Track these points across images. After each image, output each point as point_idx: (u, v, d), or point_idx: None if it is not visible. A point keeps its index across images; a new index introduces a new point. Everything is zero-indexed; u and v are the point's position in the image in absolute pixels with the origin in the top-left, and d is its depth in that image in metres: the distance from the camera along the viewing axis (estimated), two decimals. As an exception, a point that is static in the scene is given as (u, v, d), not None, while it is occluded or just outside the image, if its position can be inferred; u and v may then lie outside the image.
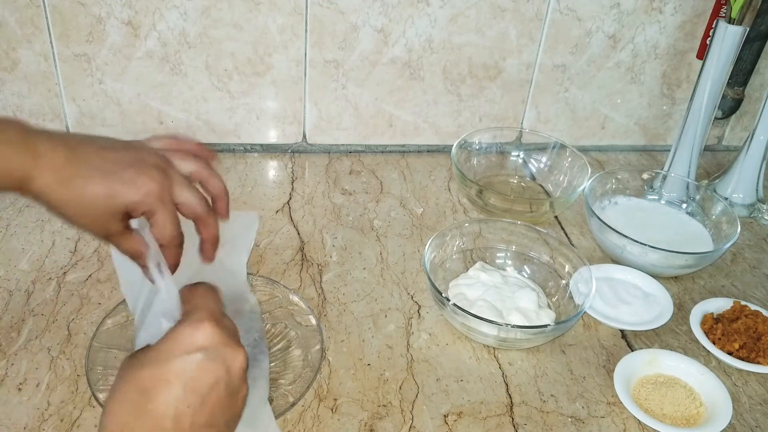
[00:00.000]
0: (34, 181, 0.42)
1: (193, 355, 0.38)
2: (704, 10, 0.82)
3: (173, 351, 0.39)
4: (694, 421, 0.54)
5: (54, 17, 0.72)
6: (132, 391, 0.38)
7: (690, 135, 0.77)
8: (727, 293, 0.68)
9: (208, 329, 0.39)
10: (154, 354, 0.39)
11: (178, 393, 0.38)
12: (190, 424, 0.38)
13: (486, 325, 0.56)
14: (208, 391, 0.39)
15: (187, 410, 0.38)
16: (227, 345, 0.40)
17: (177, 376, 0.38)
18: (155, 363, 0.38)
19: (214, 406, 0.39)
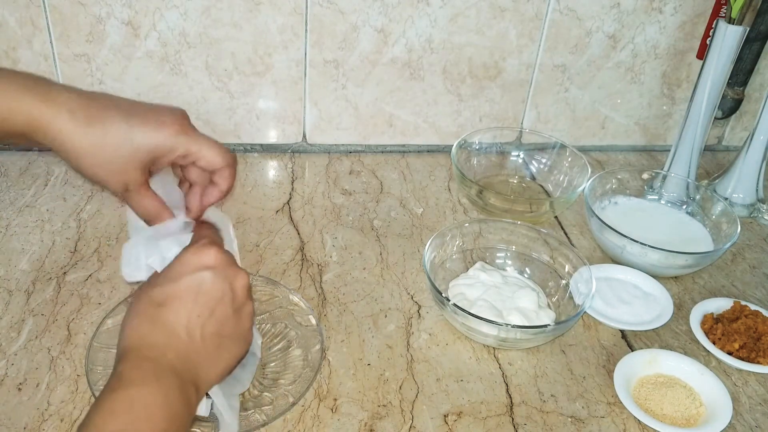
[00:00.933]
0: (51, 124, 0.42)
1: (201, 273, 0.43)
2: (704, 10, 0.82)
3: (183, 271, 0.43)
4: (694, 421, 0.54)
5: (54, 17, 0.72)
6: (148, 307, 0.42)
7: (690, 135, 0.77)
8: (727, 293, 0.68)
9: (213, 252, 0.44)
10: (166, 275, 0.44)
11: (189, 306, 0.42)
12: (200, 333, 0.42)
13: (486, 325, 0.56)
14: (216, 304, 0.43)
15: (197, 320, 0.42)
16: (230, 266, 0.45)
17: (187, 292, 0.42)
18: (168, 282, 0.43)
19: (221, 317, 0.43)
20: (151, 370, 0.40)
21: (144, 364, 0.40)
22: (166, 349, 0.41)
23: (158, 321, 0.42)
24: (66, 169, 0.78)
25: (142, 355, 0.40)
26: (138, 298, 0.43)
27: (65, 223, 0.69)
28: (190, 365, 0.42)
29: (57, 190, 0.74)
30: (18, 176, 0.76)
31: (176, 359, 0.41)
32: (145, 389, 0.38)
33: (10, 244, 0.66)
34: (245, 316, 0.46)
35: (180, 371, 0.41)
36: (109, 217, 0.71)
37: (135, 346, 0.41)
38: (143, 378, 0.39)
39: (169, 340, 0.41)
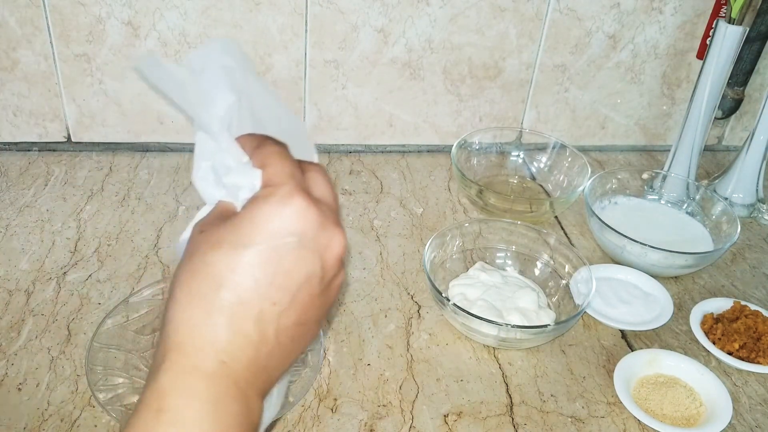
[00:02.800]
0: None
1: (283, 241, 0.30)
2: (704, 10, 0.82)
3: (257, 234, 0.30)
4: (694, 421, 0.54)
5: (54, 17, 0.72)
6: (203, 281, 0.30)
7: (690, 135, 0.77)
8: (727, 293, 0.68)
9: (301, 207, 0.31)
10: (231, 233, 0.30)
11: (263, 290, 0.30)
12: (275, 327, 0.31)
13: (486, 325, 0.56)
14: (298, 287, 0.31)
15: (272, 310, 0.30)
16: (324, 227, 0.31)
17: (261, 269, 0.30)
18: (234, 247, 0.30)
19: (303, 304, 0.32)
20: (203, 389, 0.29)
21: (193, 380, 0.29)
22: (226, 353, 0.30)
23: (218, 309, 0.30)
24: (66, 169, 0.78)
25: (190, 363, 0.29)
26: (192, 256, 0.31)
27: (65, 223, 0.69)
28: (256, 372, 0.31)
29: (57, 190, 0.74)
30: (18, 176, 0.76)
31: (239, 367, 0.30)
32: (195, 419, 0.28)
33: (10, 244, 0.66)
34: (333, 291, 0.34)
35: (243, 383, 0.30)
36: (109, 217, 0.71)
37: (182, 344, 0.30)
38: (192, 403, 0.29)
39: (232, 339, 0.30)
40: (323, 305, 0.33)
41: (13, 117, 0.78)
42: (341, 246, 0.32)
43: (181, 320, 0.30)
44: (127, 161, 0.80)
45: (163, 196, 0.75)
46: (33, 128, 0.79)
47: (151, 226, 0.70)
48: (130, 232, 0.69)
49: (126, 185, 0.76)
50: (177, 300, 0.30)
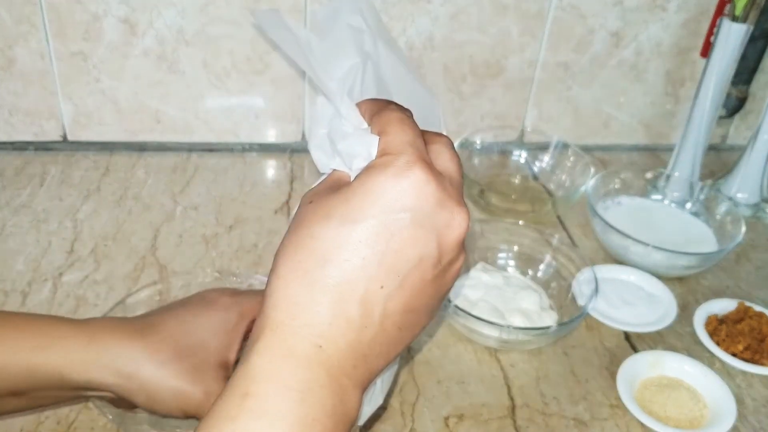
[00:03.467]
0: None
1: (396, 216, 0.28)
2: (708, 8, 0.82)
3: (368, 208, 0.28)
4: (698, 424, 0.53)
5: (50, 15, 0.72)
6: (308, 257, 0.28)
7: (694, 134, 0.76)
8: (731, 294, 0.68)
9: (420, 180, 0.28)
10: (341, 206, 0.28)
11: (371, 270, 0.28)
12: (381, 312, 0.28)
13: (487, 326, 0.55)
14: (410, 269, 0.28)
15: (380, 294, 0.28)
16: (443, 205, 0.29)
17: (370, 245, 0.28)
18: (342, 221, 0.28)
19: (413, 289, 0.29)
20: (294, 376, 0.27)
21: (285, 365, 0.27)
22: (324, 338, 0.28)
23: (321, 287, 0.28)
24: (62, 168, 0.77)
25: (285, 346, 0.27)
26: (300, 227, 0.29)
27: (61, 223, 0.69)
28: (355, 360, 0.29)
29: (53, 190, 0.74)
30: (14, 176, 0.75)
31: (337, 354, 0.28)
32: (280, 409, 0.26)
33: (6, 244, 0.65)
34: (449, 277, 0.31)
35: (338, 371, 0.28)
36: (105, 217, 0.70)
37: (279, 323, 0.28)
38: (280, 390, 0.27)
39: (332, 321, 0.28)
40: (437, 293, 0.30)
41: (9, 116, 0.77)
42: (463, 227, 0.29)
43: (281, 297, 0.28)
44: (124, 160, 0.80)
45: (160, 196, 0.74)
46: (29, 127, 0.78)
47: (148, 227, 0.69)
48: (127, 233, 0.68)
49: (123, 185, 0.75)
50: (279, 275, 0.28)
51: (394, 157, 0.29)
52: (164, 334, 0.40)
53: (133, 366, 0.38)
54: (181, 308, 0.42)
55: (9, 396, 0.38)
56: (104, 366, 0.38)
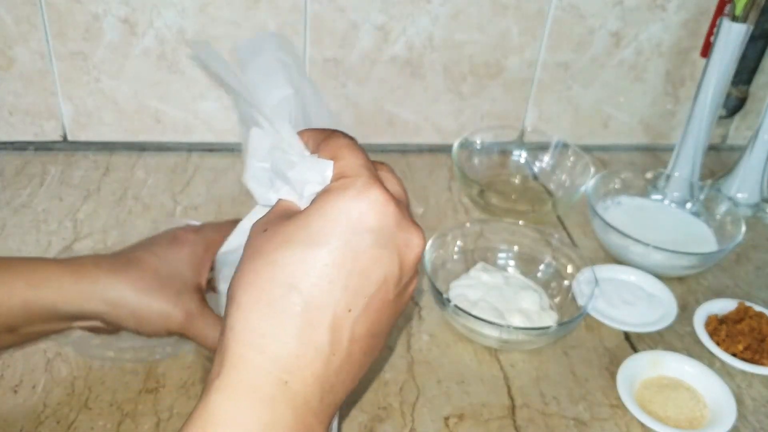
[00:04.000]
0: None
1: (359, 237, 0.27)
2: (708, 8, 0.82)
3: (330, 230, 0.27)
4: (698, 424, 0.53)
5: (50, 15, 0.72)
6: (271, 284, 0.27)
7: (694, 134, 0.76)
8: (731, 294, 0.68)
9: (380, 201, 0.28)
10: (301, 230, 0.27)
11: (337, 294, 0.27)
12: (348, 337, 0.28)
13: (487, 326, 0.55)
14: (374, 291, 0.28)
15: (347, 318, 0.27)
16: (402, 225, 0.28)
17: (336, 267, 0.27)
18: (305, 245, 0.27)
19: (377, 310, 0.29)
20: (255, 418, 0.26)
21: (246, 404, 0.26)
22: (290, 372, 0.26)
23: (288, 316, 0.26)
24: (62, 168, 0.77)
25: (247, 383, 0.26)
26: (255, 255, 0.28)
27: (61, 223, 0.69)
28: (322, 393, 0.27)
29: (53, 190, 0.74)
30: (13, 176, 0.75)
31: (302, 390, 0.27)
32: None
33: (6, 244, 0.65)
34: (406, 297, 0.31)
35: (304, 408, 0.27)
36: (105, 217, 0.70)
37: (242, 357, 0.27)
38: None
39: (300, 353, 0.27)
40: (395, 314, 0.30)
41: (9, 116, 0.77)
42: (420, 246, 0.29)
43: (243, 328, 0.27)
44: (124, 160, 0.80)
45: (160, 196, 0.74)
46: (29, 127, 0.78)
47: (148, 226, 0.69)
48: (127, 233, 0.68)
49: (123, 185, 0.75)
50: (239, 305, 0.27)
51: (351, 179, 0.28)
52: (144, 266, 0.44)
53: (122, 295, 0.42)
54: (155, 246, 0.46)
55: (3, 332, 0.42)
56: (95, 297, 0.42)
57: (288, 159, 0.31)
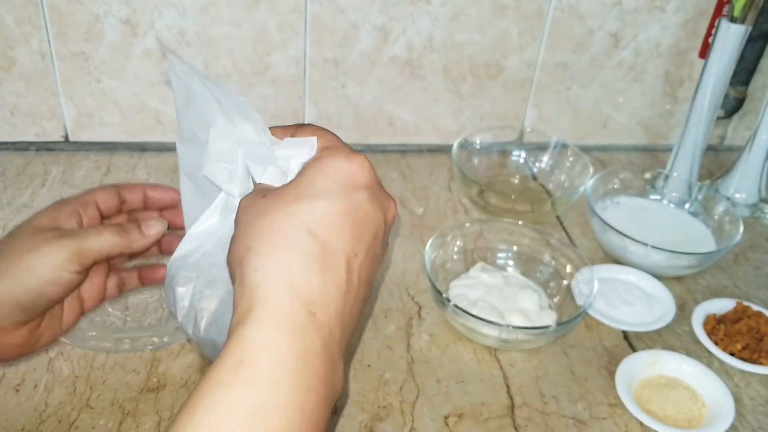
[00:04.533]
0: None
1: (357, 194, 0.31)
2: (706, 9, 0.82)
3: (332, 186, 0.31)
4: (696, 423, 0.53)
5: (51, 15, 0.72)
6: (290, 232, 0.29)
7: (692, 134, 0.76)
8: (729, 294, 0.68)
9: (367, 164, 0.32)
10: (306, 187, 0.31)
11: (347, 238, 0.30)
12: (357, 277, 0.31)
13: (487, 326, 0.55)
14: (371, 242, 0.32)
15: (356, 260, 0.31)
16: (381, 191, 0.33)
17: (342, 217, 0.30)
18: (313, 198, 0.30)
19: (372, 260, 0.32)
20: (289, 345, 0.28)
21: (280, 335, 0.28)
22: (317, 305, 0.29)
23: (311, 258, 0.29)
24: (64, 168, 0.78)
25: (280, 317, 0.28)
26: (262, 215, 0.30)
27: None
28: (342, 327, 0.30)
29: (54, 190, 0.74)
30: (15, 176, 0.76)
31: (327, 321, 0.29)
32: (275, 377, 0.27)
33: (8, 244, 0.66)
34: (383, 256, 0.35)
35: (329, 338, 0.29)
36: (107, 217, 0.70)
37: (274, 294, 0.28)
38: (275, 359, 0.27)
39: (324, 289, 0.29)
40: (377, 267, 0.34)
41: (10, 116, 0.78)
42: (394, 210, 0.34)
43: (272, 270, 0.29)
44: (125, 161, 0.80)
45: (161, 196, 0.74)
46: (30, 127, 0.79)
47: (149, 226, 0.69)
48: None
49: (124, 185, 0.76)
50: (261, 251, 0.29)
51: (337, 148, 0.33)
52: None
53: None
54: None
55: None
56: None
57: (266, 145, 0.35)
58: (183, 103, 0.40)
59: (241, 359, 0.27)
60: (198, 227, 0.39)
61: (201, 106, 0.38)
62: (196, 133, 0.39)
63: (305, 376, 0.28)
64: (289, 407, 0.27)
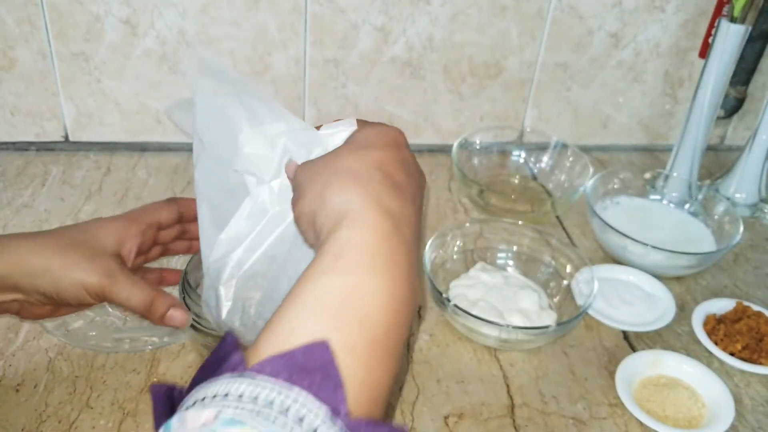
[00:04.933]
0: None
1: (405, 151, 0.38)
2: (706, 9, 0.82)
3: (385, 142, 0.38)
4: (696, 423, 0.53)
5: (52, 15, 0.72)
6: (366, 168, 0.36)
7: (692, 134, 0.76)
8: (729, 294, 0.68)
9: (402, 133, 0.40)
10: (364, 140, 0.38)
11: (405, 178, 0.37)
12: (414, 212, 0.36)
13: (487, 326, 0.55)
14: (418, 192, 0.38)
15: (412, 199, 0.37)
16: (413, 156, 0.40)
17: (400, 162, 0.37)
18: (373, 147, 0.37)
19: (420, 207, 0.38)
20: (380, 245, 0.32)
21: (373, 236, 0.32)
22: (401, 218, 0.34)
23: (385, 186, 0.35)
24: (64, 168, 0.78)
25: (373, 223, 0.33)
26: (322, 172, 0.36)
27: (63, 223, 0.69)
28: (415, 243, 0.35)
29: (54, 190, 0.74)
30: (15, 176, 0.76)
31: (409, 234, 0.34)
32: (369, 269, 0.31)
33: (8, 244, 0.66)
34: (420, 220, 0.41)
35: (414, 248, 0.34)
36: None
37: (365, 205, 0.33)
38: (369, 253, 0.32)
39: (403, 212, 0.35)
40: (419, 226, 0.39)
41: (11, 116, 0.78)
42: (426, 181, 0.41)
43: (356, 194, 0.34)
44: (125, 161, 0.80)
45: (161, 196, 0.73)
46: (30, 127, 0.79)
47: (149, 226, 0.69)
48: (128, 232, 0.68)
49: (124, 185, 0.76)
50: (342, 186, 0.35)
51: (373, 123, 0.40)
52: (59, 232, 0.45)
53: (34, 256, 0.43)
54: (79, 223, 0.48)
55: None
56: (5, 261, 0.42)
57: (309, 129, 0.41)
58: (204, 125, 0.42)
59: (339, 253, 0.31)
60: (227, 233, 0.43)
61: (228, 119, 0.41)
62: (219, 152, 0.42)
63: (394, 271, 0.32)
64: (383, 293, 0.31)
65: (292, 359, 0.27)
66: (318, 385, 0.26)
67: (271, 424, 0.24)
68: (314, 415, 0.25)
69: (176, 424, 0.24)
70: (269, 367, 0.26)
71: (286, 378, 0.26)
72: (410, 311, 0.33)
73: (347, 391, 0.27)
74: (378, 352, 0.29)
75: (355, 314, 0.29)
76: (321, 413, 0.25)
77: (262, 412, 0.24)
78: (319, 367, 0.27)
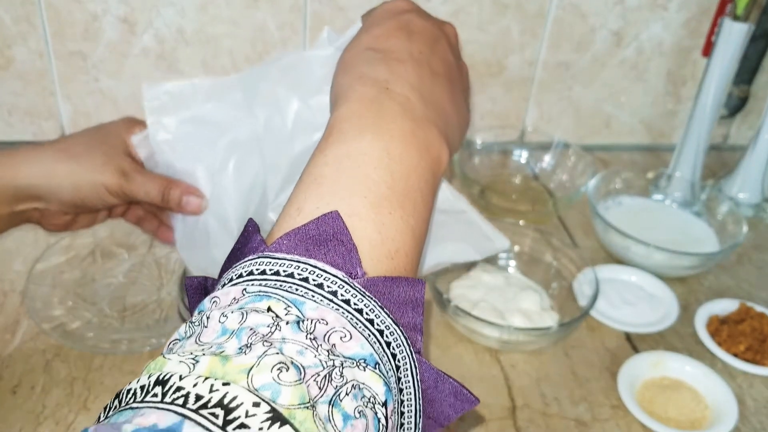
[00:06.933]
0: None
1: (406, 15, 0.38)
2: (709, 7, 0.81)
3: (382, 17, 0.38)
4: (699, 424, 0.53)
5: (49, 14, 0.71)
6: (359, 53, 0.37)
7: (695, 133, 0.76)
8: (732, 294, 0.67)
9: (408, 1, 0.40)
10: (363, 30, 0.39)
11: (405, 42, 0.37)
12: (429, 68, 0.37)
13: (488, 327, 0.55)
14: (433, 43, 0.38)
15: (421, 56, 0.37)
16: (430, 14, 0.40)
17: (398, 30, 0.37)
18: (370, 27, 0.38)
19: (444, 58, 0.38)
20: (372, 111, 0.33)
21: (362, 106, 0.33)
22: (390, 80, 0.35)
23: (376, 58, 0.36)
24: (62, 168, 0.77)
25: (362, 95, 0.34)
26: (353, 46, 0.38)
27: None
28: (427, 103, 0.35)
29: (53, 190, 0.73)
30: (14, 175, 0.75)
31: (408, 93, 0.35)
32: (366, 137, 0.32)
33: (4, 244, 0.65)
34: (465, 72, 0.40)
35: (410, 104, 0.34)
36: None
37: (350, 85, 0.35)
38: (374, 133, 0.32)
39: (395, 71, 0.35)
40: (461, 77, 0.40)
41: (8, 115, 0.77)
42: (453, 27, 0.40)
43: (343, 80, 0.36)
44: (124, 160, 0.79)
45: (160, 196, 0.74)
46: (28, 127, 0.78)
47: (148, 226, 0.69)
48: (126, 232, 0.68)
49: (123, 184, 0.75)
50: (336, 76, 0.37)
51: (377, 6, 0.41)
52: (70, 139, 0.49)
53: (52, 163, 0.46)
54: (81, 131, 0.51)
55: None
56: (26, 171, 0.45)
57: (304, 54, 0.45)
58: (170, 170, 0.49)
59: (331, 130, 0.33)
60: None
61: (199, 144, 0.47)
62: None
63: (387, 129, 0.33)
64: (375, 149, 0.32)
65: (306, 234, 0.28)
66: (333, 253, 0.28)
67: (292, 294, 0.26)
68: (331, 282, 0.27)
69: (208, 304, 0.27)
70: (285, 244, 0.28)
71: (302, 252, 0.28)
72: (425, 171, 0.33)
73: (361, 253, 0.28)
74: (388, 207, 0.30)
75: (353, 179, 0.31)
76: (338, 278, 0.27)
77: (284, 284, 0.26)
78: (332, 236, 0.28)
